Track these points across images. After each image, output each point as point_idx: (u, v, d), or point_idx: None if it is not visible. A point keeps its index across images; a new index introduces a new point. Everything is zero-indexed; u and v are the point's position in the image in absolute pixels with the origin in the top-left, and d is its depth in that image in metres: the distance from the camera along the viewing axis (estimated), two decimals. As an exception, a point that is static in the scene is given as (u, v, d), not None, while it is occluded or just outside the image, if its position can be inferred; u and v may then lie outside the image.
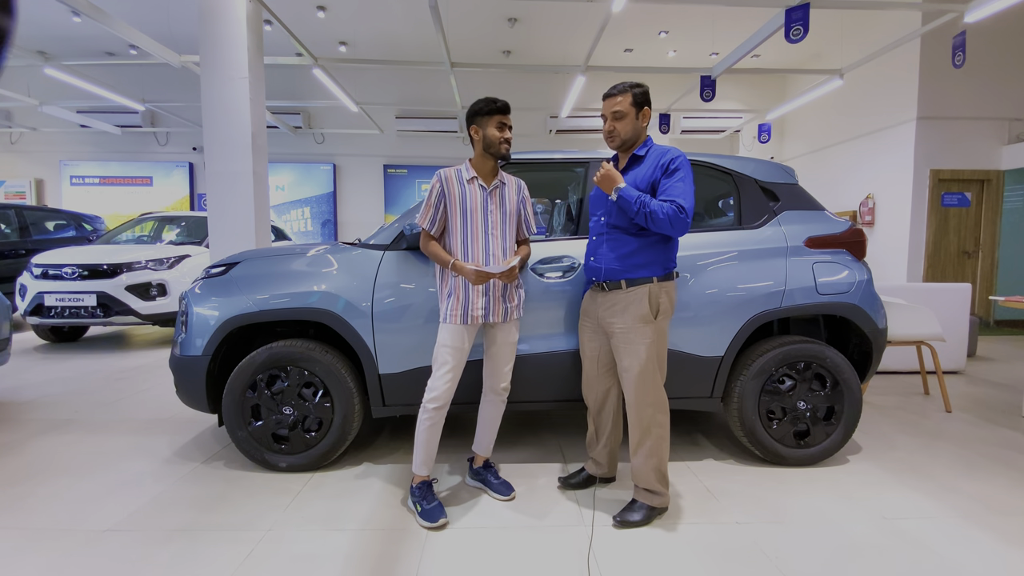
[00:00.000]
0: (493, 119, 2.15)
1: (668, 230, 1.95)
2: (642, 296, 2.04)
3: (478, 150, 2.19)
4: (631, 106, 2.07)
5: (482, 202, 2.16)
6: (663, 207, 1.92)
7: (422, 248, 2.23)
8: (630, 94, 2.07)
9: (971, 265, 7.21)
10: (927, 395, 3.94)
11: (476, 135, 2.18)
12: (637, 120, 2.09)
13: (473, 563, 1.83)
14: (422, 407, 2.15)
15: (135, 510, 2.18)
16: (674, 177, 1.98)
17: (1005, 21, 6.37)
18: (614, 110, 2.08)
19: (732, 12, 7.34)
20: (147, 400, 3.69)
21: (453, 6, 7.22)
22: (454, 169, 2.18)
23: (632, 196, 1.96)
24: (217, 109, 4.55)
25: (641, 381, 2.05)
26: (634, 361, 2.05)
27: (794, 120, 9.96)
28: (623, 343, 2.07)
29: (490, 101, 2.16)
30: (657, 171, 2.02)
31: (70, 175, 10.32)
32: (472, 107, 2.20)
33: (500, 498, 2.29)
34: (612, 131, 2.10)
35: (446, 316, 2.14)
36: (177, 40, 7.89)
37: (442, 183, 2.14)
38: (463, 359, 2.15)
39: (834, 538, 2.00)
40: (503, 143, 2.15)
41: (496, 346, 2.25)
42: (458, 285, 2.13)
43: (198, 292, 2.56)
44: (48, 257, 5.38)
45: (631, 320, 2.04)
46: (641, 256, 2.05)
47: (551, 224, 3.80)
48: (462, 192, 2.14)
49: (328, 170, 10.52)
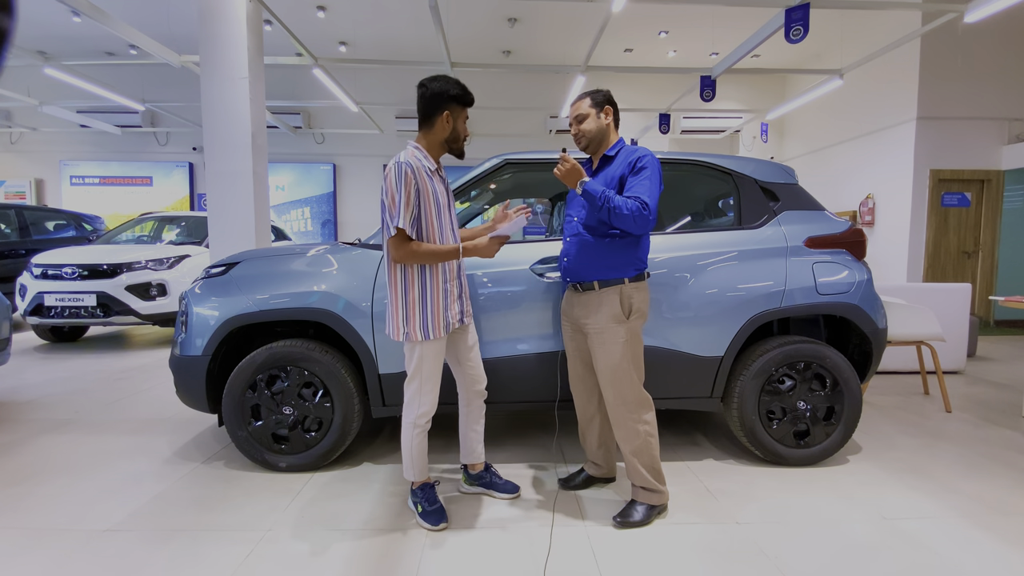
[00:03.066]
0: (464, 112, 2.02)
1: (631, 226, 1.94)
2: (614, 297, 2.05)
3: (438, 138, 1.99)
4: (590, 107, 2.11)
5: (445, 192, 2.04)
6: (627, 203, 1.92)
7: (400, 256, 1.88)
8: (588, 98, 2.13)
9: (971, 265, 7.21)
10: (927, 395, 3.94)
11: (447, 123, 1.97)
12: (599, 118, 2.11)
13: (473, 563, 1.83)
14: (412, 424, 2.04)
15: (135, 510, 2.18)
16: (640, 175, 1.99)
17: (1005, 21, 6.36)
18: (575, 115, 2.13)
19: (732, 12, 7.34)
20: (147, 400, 3.69)
21: (453, 6, 7.22)
22: (413, 158, 1.92)
23: (597, 191, 1.96)
24: (217, 109, 4.55)
25: (616, 380, 2.06)
26: (608, 361, 2.06)
27: (794, 120, 9.96)
28: (597, 343, 2.08)
29: (465, 90, 1.99)
30: (625, 168, 2.04)
31: (70, 175, 10.32)
32: (444, 88, 1.95)
33: (506, 497, 2.28)
34: (578, 134, 2.15)
35: (426, 331, 1.95)
36: (177, 40, 7.89)
37: (415, 176, 1.89)
38: (441, 368, 2.07)
39: (834, 538, 2.00)
40: (465, 139, 2.07)
41: (467, 348, 2.18)
42: (436, 292, 1.97)
43: (198, 292, 2.57)
44: (48, 257, 5.39)
45: (604, 320, 2.06)
46: (612, 257, 2.06)
47: (551, 224, 3.80)
48: (432, 186, 1.95)
49: (328, 170, 10.52)
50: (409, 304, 1.95)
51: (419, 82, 2.00)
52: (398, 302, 1.96)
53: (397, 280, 1.96)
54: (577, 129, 2.14)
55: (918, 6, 5.68)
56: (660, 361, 2.48)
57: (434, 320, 1.97)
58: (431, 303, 1.96)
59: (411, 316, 1.95)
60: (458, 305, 2.07)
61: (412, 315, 1.95)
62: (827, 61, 8.81)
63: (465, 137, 2.07)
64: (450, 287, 2.03)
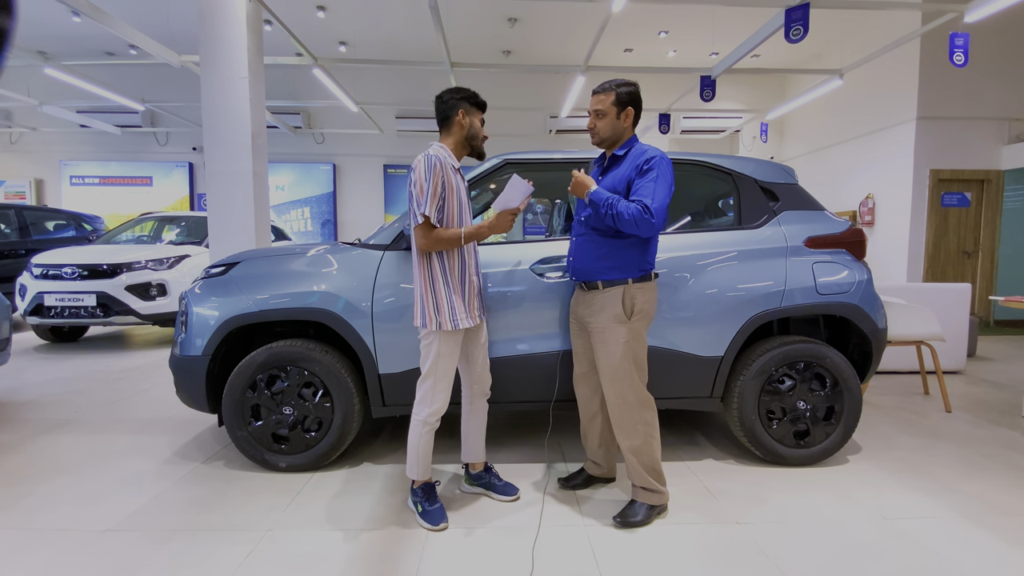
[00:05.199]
0: (478, 113, 2.13)
1: (634, 230, 1.94)
2: (616, 297, 2.06)
3: (458, 137, 2.10)
4: (612, 105, 2.07)
5: (466, 192, 2.14)
6: (628, 208, 1.91)
7: (427, 243, 1.97)
8: (613, 93, 2.07)
9: (971, 265, 7.21)
10: (927, 395, 3.94)
11: (463, 120, 2.08)
12: (618, 120, 2.09)
13: (473, 563, 1.83)
14: (421, 421, 2.07)
15: (135, 510, 2.18)
16: (646, 177, 1.97)
17: (1005, 21, 6.36)
18: (596, 108, 2.10)
19: (732, 12, 7.34)
20: (147, 400, 3.69)
21: (453, 6, 7.22)
22: (440, 154, 2.02)
23: (601, 198, 1.97)
24: (217, 109, 4.55)
25: (616, 380, 2.07)
26: (609, 360, 2.07)
27: (794, 120, 9.96)
28: (599, 343, 2.09)
29: (476, 94, 2.13)
30: (633, 171, 2.02)
31: (70, 175, 10.31)
32: (458, 91, 2.10)
33: (505, 499, 2.28)
34: (592, 128, 2.13)
35: (455, 320, 2.01)
36: (177, 40, 7.88)
37: (443, 169, 1.98)
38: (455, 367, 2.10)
39: (834, 538, 2.00)
40: (483, 139, 2.16)
41: (478, 346, 2.22)
42: (462, 283, 2.05)
43: (198, 292, 2.56)
44: (48, 257, 5.39)
45: (606, 320, 2.06)
46: (616, 258, 2.06)
47: (551, 224, 3.80)
48: (456, 182, 2.04)
49: (328, 170, 10.52)
50: (438, 294, 2.01)
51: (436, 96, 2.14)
52: (428, 293, 2.02)
53: (426, 272, 2.02)
54: (593, 123, 2.12)
55: (918, 6, 5.68)
56: (660, 361, 2.48)
57: (462, 310, 2.04)
58: (459, 294, 2.04)
59: (441, 306, 2.01)
60: (475, 302, 2.13)
61: (442, 305, 2.01)
62: (827, 61, 8.81)
63: (483, 136, 2.15)
64: (468, 283, 2.09)
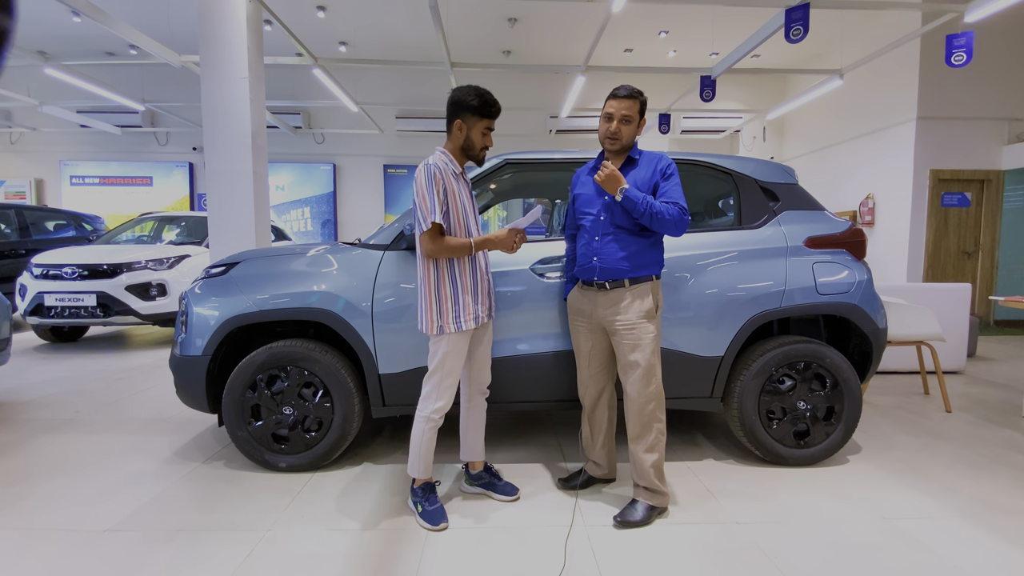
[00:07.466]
0: (482, 123, 2.05)
1: (671, 230, 2.04)
2: (645, 293, 2.11)
3: (455, 145, 2.07)
4: (636, 113, 2.13)
5: (468, 195, 2.13)
6: (668, 208, 2.02)
7: (434, 249, 1.97)
8: (638, 101, 2.13)
9: (971, 265, 7.21)
10: (927, 395, 3.94)
11: (460, 131, 2.05)
12: (637, 127, 2.16)
13: (473, 563, 1.83)
14: (425, 418, 2.08)
15: (135, 510, 2.18)
16: (671, 181, 2.11)
17: (1005, 21, 6.36)
18: (625, 113, 2.10)
19: (732, 12, 7.34)
20: (147, 400, 3.69)
21: (453, 6, 7.22)
22: (440, 161, 2.03)
23: (638, 197, 2.01)
24: (217, 109, 4.54)
25: (646, 375, 2.09)
26: (641, 356, 2.09)
27: (794, 120, 9.96)
28: (629, 339, 2.09)
29: (485, 102, 2.02)
30: (656, 175, 2.12)
31: (70, 175, 10.32)
32: (462, 97, 2.02)
33: (506, 499, 2.28)
34: (616, 133, 2.12)
35: (459, 323, 2.02)
36: (177, 40, 7.88)
37: (443, 177, 1.98)
38: (462, 365, 2.12)
39: (834, 538, 2.00)
40: (483, 150, 2.10)
41: (481, 346, 2.23)
42: (467, 286, 2.04)
43: (198, 292, 2.56)
44: (48, 257, 5.38)
45: (635, 317, 2.09)
46: (644, 256, 2.12)
47: (551, 224, 3.80)
48: (457, 187, 2.04)
49: (328, 170, 10.52)
50: (442, 298, 2.02)
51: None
52: (431, 297, 2.03)
53: (430, 276, 2.03)
54: (617, 128, 2.11)
55: (918, 6, 5.68)
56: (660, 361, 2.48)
57: (466, 313, 2.04)
58: (463, 296, 2.04)
59: (444, 310, 2.02)
60: (487, 300, 2.14)
61: (446, 309, 2.02)
62: (827, 61, 8.81)
63: (484, 147, 2.09)
64: (480, 282, 2.10)
